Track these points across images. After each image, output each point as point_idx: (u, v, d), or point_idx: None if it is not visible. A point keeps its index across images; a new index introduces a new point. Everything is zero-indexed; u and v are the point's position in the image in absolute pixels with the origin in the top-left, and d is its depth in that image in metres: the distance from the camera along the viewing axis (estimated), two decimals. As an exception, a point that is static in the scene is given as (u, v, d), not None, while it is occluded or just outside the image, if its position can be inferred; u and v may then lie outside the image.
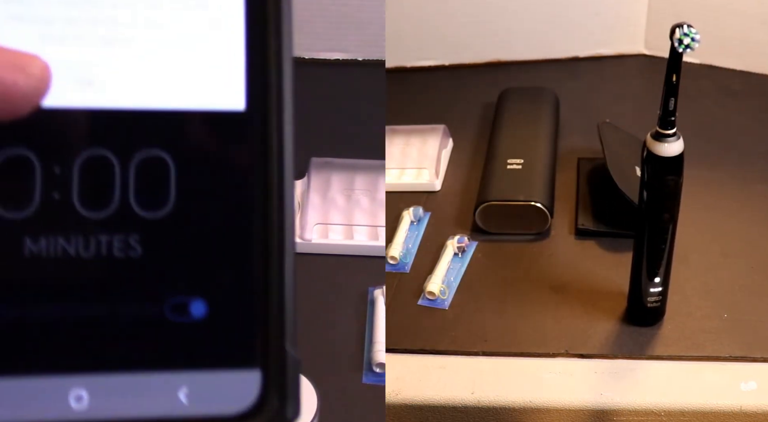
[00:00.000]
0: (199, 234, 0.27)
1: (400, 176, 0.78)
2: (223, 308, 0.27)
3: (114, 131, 0.26)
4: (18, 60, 0.24)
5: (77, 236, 0.26)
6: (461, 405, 0.57)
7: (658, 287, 0.58)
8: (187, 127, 0.27)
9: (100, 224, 0.26)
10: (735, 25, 0.90)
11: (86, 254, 0.26)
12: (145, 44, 0.27)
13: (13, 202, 0.26)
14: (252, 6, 0.27)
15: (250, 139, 0.27)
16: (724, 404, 0.55)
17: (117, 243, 0.26)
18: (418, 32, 0.97)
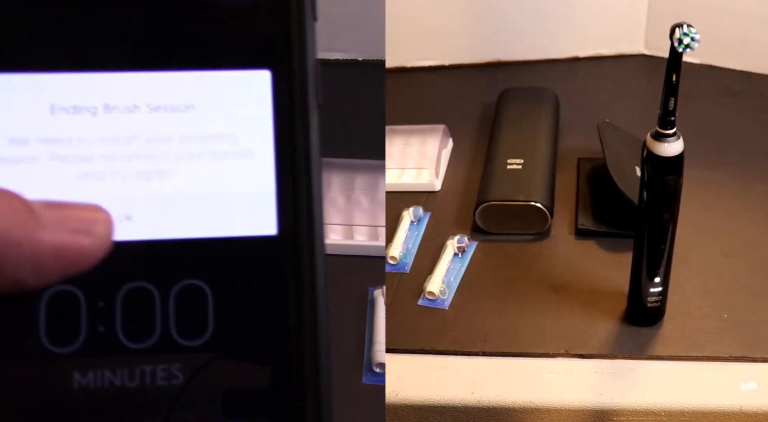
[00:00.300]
0: (237, 357, 0.28)
1: (400, 176, 0.78)
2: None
3: (153, 263, 0.28)
4: (85, 223, 0.25)
5: (122, 368, 0.27)
6: (461, 405, 0.57)
7: (658, 287, 0.58)
8: (223, 254, 0.28)
9: (143, 354, 0.27)
10: (735, 25, 0.90)
11: (131, 384, 0.27)
12: (179, 177, 0.28)
13: (61, 337, 0.27)
14: (280, 136, 0.29)
15: (283, 262, 0.28)
16: (724, 404, 0.55)
17: (160, 373, 0.27)
18: (418, 32, 0.97)
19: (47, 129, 0.28)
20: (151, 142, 0.28)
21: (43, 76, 0.28)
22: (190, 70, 0.29)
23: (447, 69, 0.98)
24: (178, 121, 0.28)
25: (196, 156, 0.28)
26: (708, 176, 0.75)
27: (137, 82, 0.28)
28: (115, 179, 0.28)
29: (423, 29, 0.96)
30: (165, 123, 0.28)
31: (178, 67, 0.29)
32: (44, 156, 0.27)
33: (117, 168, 0.28)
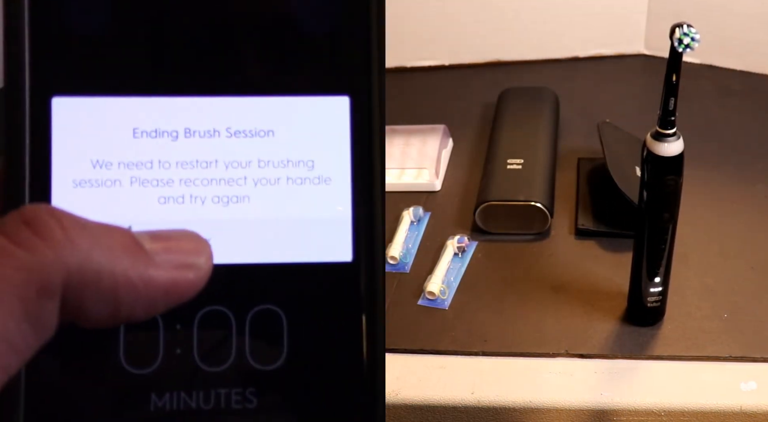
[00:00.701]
0: (310, 382, 0.28)
1: (400, 176, 0.78)
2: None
3: (231, 288, 0.28)
4: (190, 256, 0.25)
5: (198, 391, 0.28)
6: (461, 405, 0.57)
7: (658, 287, 0.58)
8: (299, 280, 0.29)
9: (218, 377, 0.28)
10: (735, 25, 0.90)
11: (206, 407, 0.28)
12: (257, 202, 0.29)
13: (140, 359, 0.27)
14: (357, 162, 0.29)
15: (357, 288, 0.29)
16: (724, 404, 0.55)
17: (235, 396, 0.28)
18: (418, 32, 0.97)
19: (129, 152, 0.28)
20: (229, 167, 0.29)
21: (127, 99, 0.28)
22: (270, 95, 0.29)
23: (447, 69, 0.98)
24: (257, 146, 0.29)
25: (274, 182, 0.29)
26: (708, 176, 0.75)
27: (217, 107, 0.29)
28: (194, 203, 0.28)
29: (423, 29, 0.96)
30: (244, 148, 0.29)
31: (258, 92, 0.29)
32: (125, 179, 0.28)
33: (196, 192, 0.28)
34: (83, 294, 0.22)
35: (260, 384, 0.28)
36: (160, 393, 0.27)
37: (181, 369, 0.28)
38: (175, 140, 0.28)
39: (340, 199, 0.29)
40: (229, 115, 0.29)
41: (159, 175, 0.28)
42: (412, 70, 0.98)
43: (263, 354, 0.28)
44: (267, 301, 0.28)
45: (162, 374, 0.27)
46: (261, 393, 0.28)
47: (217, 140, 0.29)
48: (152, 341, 0.27)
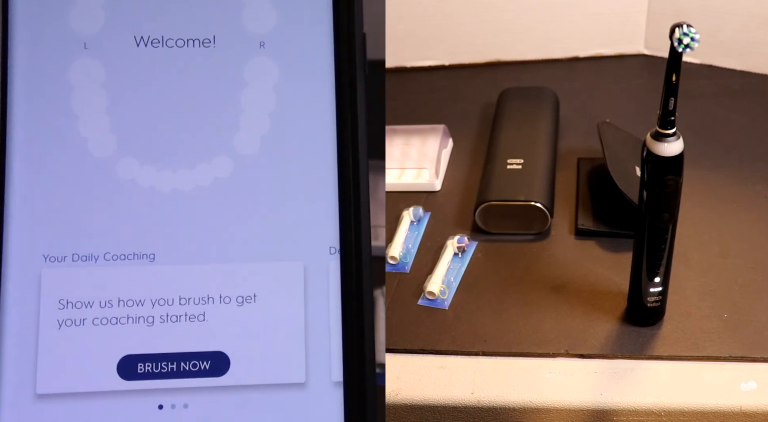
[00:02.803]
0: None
1: (400, 176, 0.78)
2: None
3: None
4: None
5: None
6: (461, 405, 0.57)
7: (658, 287, 0.58)
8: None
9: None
10: (735, 25, 0.90)
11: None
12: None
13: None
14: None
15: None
16: (724, 404, 0.55)
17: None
18: (418, 32, 0.97)
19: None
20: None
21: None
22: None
23: (447, 69, 0.98)
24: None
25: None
26: (708, 176, 0.75)
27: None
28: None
29: (423, 29, 0.96)
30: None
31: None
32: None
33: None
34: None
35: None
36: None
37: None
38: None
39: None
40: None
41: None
42: (412, 70, 0.98)
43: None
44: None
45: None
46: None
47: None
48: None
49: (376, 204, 0.77)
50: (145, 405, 0.29)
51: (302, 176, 0.34)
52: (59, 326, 0.29)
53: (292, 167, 0.34)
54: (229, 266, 0.31)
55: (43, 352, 0.29)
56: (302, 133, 0.34)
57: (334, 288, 0.32)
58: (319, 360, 0.31)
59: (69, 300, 0.30)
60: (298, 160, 0.34)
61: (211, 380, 0.30)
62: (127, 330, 0.30)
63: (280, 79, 0.34)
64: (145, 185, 0.32)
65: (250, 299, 0.31)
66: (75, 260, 0.30)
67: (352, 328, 0.31)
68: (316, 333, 0.31)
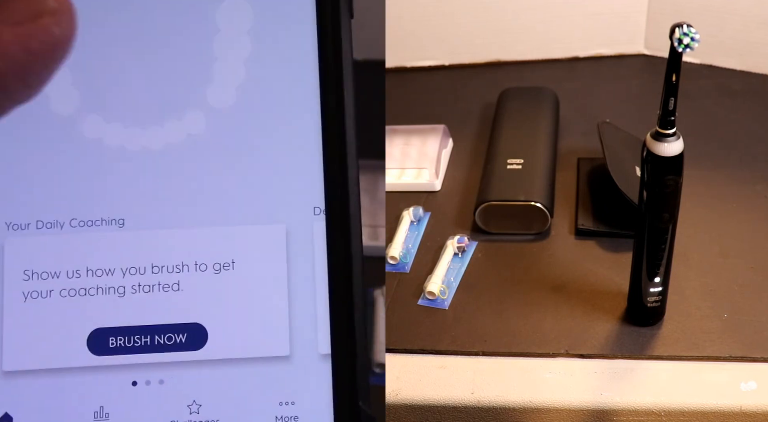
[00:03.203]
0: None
1: (400, 176, 0.78)
2: None
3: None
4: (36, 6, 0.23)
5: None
6: (461, 405, 0.57)
7: (658, 287, 0.58)
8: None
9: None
10: (735, 25, 0.90)
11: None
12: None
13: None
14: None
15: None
16: (724, 404, 0.55)
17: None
18: (418, 32, 0.97)
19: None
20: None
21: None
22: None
23: (447, 69, 0.98)
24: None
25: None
26: (708, 176, 0.75)
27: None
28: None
29: (423, 29, 0.96)
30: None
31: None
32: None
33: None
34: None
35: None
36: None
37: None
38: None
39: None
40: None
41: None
42: (412, 70, 0.98)
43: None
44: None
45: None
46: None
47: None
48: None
49: (376, 204, 0.77)
50: (118, 382, 0.28)
51: (283, 131, 0.31)
52: (25, 298, 0.28)
53: (271, 120, 0.31)
54: (204, 231, 0.29)
55: (9, 327, 0.28)
56: (282, 83, 0.31)
57: (319, 252, 0.30)
58: (305, 331, 0.29)
59: (35, 271, 0.29)
60: (278, 113, 0.31)
61: (187, 354, 0.28)
62: (97, 302, 0.28)
63: (256, 22, 0.32)
64: (112, 144, 0.30)
65: (228, 266, 0.29)
66: (39, 228, 0.29)
67: (340, 295, 0.29)
68: (300, 301, 0.29)
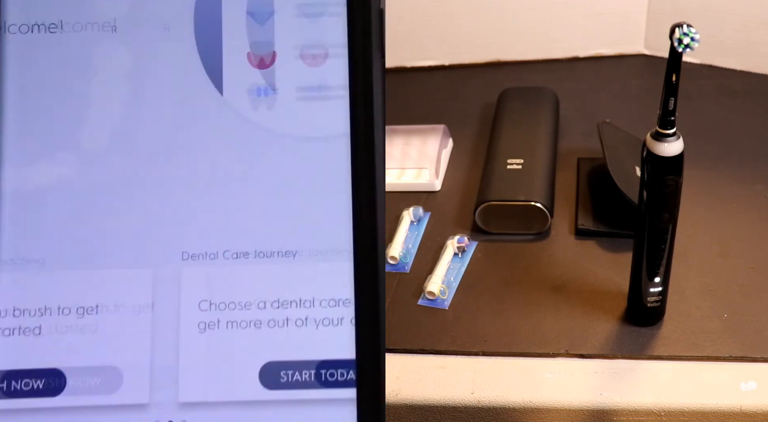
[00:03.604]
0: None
1: (400, 176, 0.78)
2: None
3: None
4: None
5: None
6: (461, 405, 0.57)
7: (658, 287, 0.58)
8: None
9: None
10: (735, 25, 0.90)
11: None
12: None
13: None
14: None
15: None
16: (724, 404, 0.55)
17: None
18: (418, 32, 0.97)
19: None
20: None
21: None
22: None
23: (447, 69, 0.98)
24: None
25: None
26: (708, 176, 0.75)
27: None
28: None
29: (423, 29, 0.96)
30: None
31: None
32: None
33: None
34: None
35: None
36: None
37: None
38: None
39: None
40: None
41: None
42: (412, 70, 0.98)
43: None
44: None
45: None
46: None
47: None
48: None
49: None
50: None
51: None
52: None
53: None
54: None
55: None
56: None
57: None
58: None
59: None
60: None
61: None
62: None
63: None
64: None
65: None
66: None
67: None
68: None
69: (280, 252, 0.30)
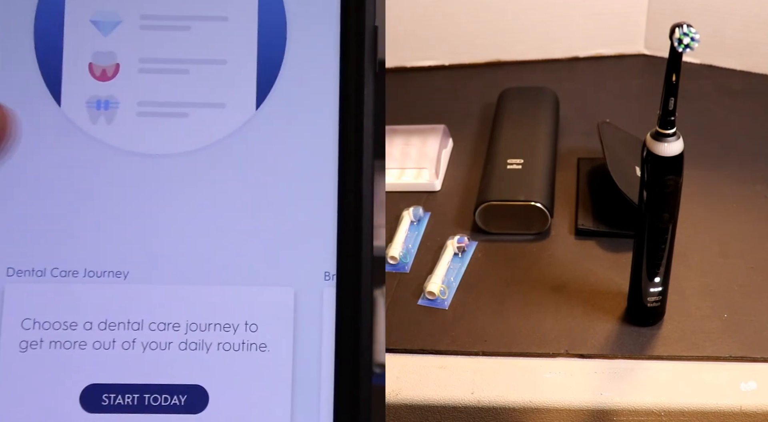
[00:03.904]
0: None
1: (400, 176, 0.78)
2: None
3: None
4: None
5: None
6: (461, 405, 0.57)
7: (658, 287, 0.58)
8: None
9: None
10: (735, 25, 0.90)
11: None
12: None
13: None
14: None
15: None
16: (724, 404, 0.55)
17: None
18: (418, 32, 0.97)
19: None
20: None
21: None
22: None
23: (447, 69, 0.98)
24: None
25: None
26: (708, 176, 0.75)
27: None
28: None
29: (423, 29, 0.96)
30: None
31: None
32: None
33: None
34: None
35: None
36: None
37: None
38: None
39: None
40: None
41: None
42: (412, 70, 0.98)
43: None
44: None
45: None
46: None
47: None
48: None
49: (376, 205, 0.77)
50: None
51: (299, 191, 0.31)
52: (20, 349, 0.28)
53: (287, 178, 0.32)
54: (212, 289, 0.29)
55: (2, 378, 0.27)
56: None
57: (327, 321, 0.30)
58: (307, 404, 0.29)
59: (33, 320, 0.28)
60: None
61: (185, 417, 0.28)
62: (93, 356, 0.28)
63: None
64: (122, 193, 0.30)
65: (234, 328, 0.29)
66: (40, 276, 0.28)
67: (347, 368, 0.30)
68: (305, 372, 0.29)
69: (111, 272, 0.29)
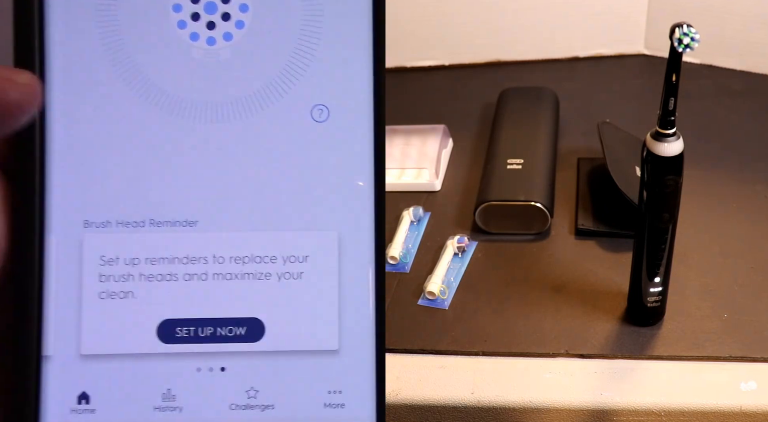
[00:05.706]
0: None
1: (400, 176, 0.78)
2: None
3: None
4: (5, 72, 0.26)
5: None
6: (461, 405, 0.57)
7: (658, 287, 0.58)
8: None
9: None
10: (735, 25, 0.90)
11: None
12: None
13: None
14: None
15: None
16: (724, 404, 0.55)
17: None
18: (418, 32, 0.97)
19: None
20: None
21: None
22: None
23: (447, 69, 0.98)
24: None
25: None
26: (708, 176, 0.75)
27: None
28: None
29: (423, 29, 0.96)
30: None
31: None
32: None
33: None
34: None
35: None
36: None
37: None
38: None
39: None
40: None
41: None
42: (412, 70, 0.98)
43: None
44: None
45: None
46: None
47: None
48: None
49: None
50: (184, 368, 0.31)
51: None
52: (100, 293, 0.31)
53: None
54: (270, 235, 0.31)
55: (87, 315, 0.31)
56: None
57: (368, 257, 0.34)
58: (353, 329, 0.32)
59: (111, 265, 0.31)
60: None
61: (246, 345, 0.31)
62: (167, 296, 0.31)
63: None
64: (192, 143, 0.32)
65: (288, 268, 0.32)
66: (116, 225, 0.31)
67: (381, 295, 0.33)
68: (349, 301, 0.33)
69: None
